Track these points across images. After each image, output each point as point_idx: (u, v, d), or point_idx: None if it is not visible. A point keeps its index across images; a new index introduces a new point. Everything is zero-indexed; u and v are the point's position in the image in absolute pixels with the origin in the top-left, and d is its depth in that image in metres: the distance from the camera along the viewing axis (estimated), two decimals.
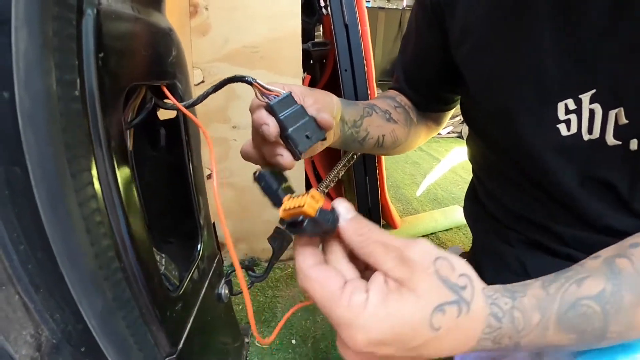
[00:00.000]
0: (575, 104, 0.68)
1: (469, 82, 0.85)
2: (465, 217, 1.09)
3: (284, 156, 0.60)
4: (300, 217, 0.48)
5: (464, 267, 0.50)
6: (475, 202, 1.01)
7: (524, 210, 0.83)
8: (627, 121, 0.63)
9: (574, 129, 0.69)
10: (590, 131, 0.68)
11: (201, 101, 0.65)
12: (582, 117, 0.68)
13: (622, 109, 0.63)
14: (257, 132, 0.61)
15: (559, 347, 0.55)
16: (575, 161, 0.71)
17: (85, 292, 0.44)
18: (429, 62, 1.00)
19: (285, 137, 0.59)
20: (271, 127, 0.58)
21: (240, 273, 0.54)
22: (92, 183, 0.44)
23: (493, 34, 0.77)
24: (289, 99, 0.59)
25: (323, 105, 0.66)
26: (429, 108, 1.08)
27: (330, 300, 0.46)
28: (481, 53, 0.80)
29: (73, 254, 0.42)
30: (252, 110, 0.63)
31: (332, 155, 2.23)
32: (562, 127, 0.70)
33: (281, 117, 0.58)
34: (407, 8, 5.69)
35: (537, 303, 0.53)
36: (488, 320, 0.50)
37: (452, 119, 5.56)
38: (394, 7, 5.78)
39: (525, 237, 0.84)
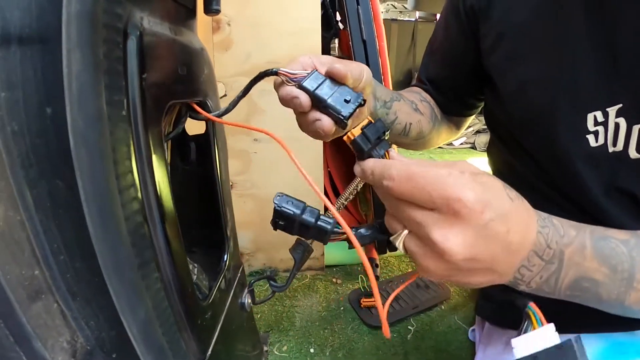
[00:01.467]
0: (603, 116, 0.70)
1: (501, 88, 0.85)
2: None
3: (322, 120, 0.61)
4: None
5: None
6: None
7: None
8: None
9: (601, 140, 0.71)
10: (614, 144, 0.70)
11: (234, 107, 0.67)
12: (608, 130, 0.70)
13: None
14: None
15: (596, 283, 0.55)
16: (601, 171, 0.72)
17: (129, 302, 0.45)
18: (458, 67, 1.00)
19: (325, 108, 0.60)
20: (302, 98, 0.60)
21: (369, 271, 0.53)
22: (136, 198, 0.46)
23: (529, 42, 0.78)
24: (316, 75, 0.61)
25: (347, 65, 0.65)
26: (452, 112, 1.09)
27: (432, 174, 0.47)
28: (516, 60, 0.80)
29: (119, 267, 0.43)
30: (277, 87, 0.65)
31: (349, 169, 2.24)
32: (591, 138, 0.72)
33: (315, 92, 0.60)
34: (420, 20, 5.68)
35: (570, 223, 0.56)
36: (537, 215, 0.53)
37: (466, 130, 5.54)
38: (407, 19, 5.79)
39: None
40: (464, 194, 0.46)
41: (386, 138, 0.59)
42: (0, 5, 0.38)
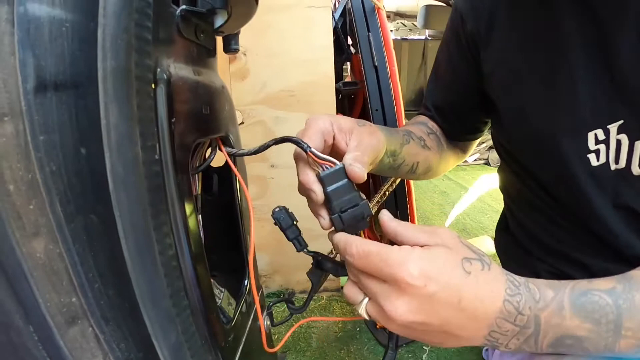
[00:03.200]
0: (604, 134, 0.70)
1: (502, 112, 0.87)
2: (496, 248, 1.10)
3: (324, 218, 0.64)
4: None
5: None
6: (506, 233, 1.02)
7: (555, 242, 0.84)
8: None
9: (602, 159, 0.71)
10: (616, 161, 0.70)
11: (256, 153, 0.69)
12: (609, 147, 0.70)
13: None
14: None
15: (579, 339, 0.57)
16: (605, 190, 0.72)
17: (162, 328, 0.48)
18: (461, 93, 1.02)
19: (328, 209, 0.63)
20: (317, 193, 0.62)
21: None
22: (169, 234, 0.49)
23: (527, 65, 0.79)
24: (339, 172, 0.62)
25: (365, 149, 0.68)
26: (457, 137, 1.10)
27: (384, 252, 0.54)
28: (515, 83, 0.82)
29: (154, 296, 0.47)
30: (296, 161, 0.67)
31: (364, 193, 2.27)
32: (592, 157, 0.72)
33: (329, 190, 0.62)
34: (430, 38, 5.69)
35: (549, 284, 0.59)
36: (507, 283, 0.56)
37: (479, 146, 5.52)
38: (417, 37, 5.81)
39: (555, 270, 0.84)
40: (406, 272, 0.52)
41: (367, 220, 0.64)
42: (36, 53, 0.41)
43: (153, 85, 0.48)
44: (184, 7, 0.56)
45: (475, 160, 5.45)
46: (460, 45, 0.96)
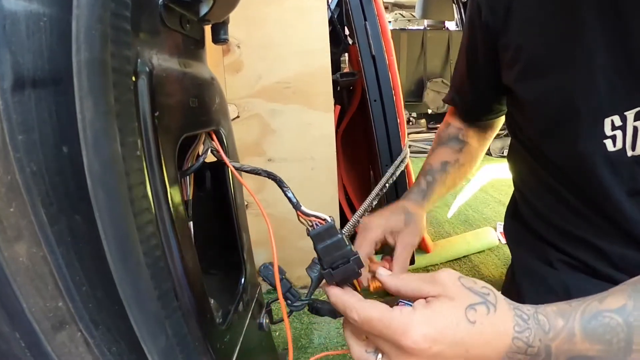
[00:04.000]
0: (621, 120, 0.71)
1: (522, 98, 0.88)
2: (505, 237, 1.11)
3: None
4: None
5: (485, 284, 0.59)
6: (517, 220, 1.03)
7: (570, 227, 0.84)
8: None
9: (619, 144, 0.72)
10: (633, 147, 0.71)
11: (250, 172, 0.68)
12: (626, 134, 0.71)
13: None
14: None
15: (590, 358, 0.57)
16: (621, 176, 0.73)
17: (150, 331, 0.46)
18: (481, 78, 1.05)
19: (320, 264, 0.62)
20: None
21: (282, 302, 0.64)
22: (154, 233, 0.47)
23: (547, 53, 0.80)
24: (330, 229, 0.60)
25: (408, 255, 0.85)
26: (478, 117, 1.15)
27: (386, 318, 0.54)
28: (536, 71, 0.83)
29: (140, 299, 0.45)
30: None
31: (364, 184, 2.25)
32: (608, 143, 0.73)
33: (319, 248, 0.60)
34: (429, 28, 5.68)
35: (560, 311, 0.58)
36: (515, 320, 0.56)
37: None
38: (416, 28, 5.79)
39: (568, 257, 0.85)
40: (409, 340, 0.52)
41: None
42: (12, 50, 0.39)
43: (133, 78, 0.46)
44: None
45: None
46: (478, 33, 0.98)
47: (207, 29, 0.72)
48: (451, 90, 1.21)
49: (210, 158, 0.71)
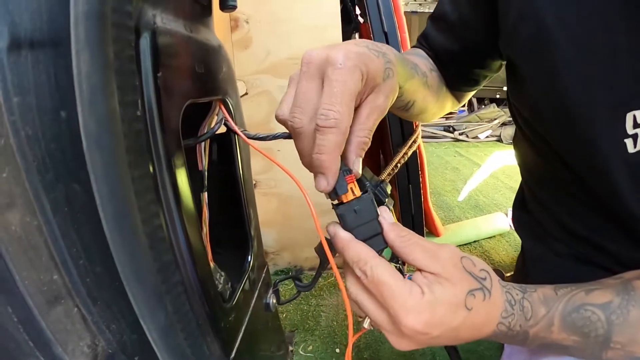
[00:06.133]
0: None
1: (527, 77, 0.74)
2: (514, 227, 1.03)
3: (319, 185, 0.57)
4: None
5: (483, 264, 0.60)
6: (524, 211, 0.96)
7: (579, 227, 0.78)
8: None
9: None
10: None
11: (267, 140, 0.64)
12: None
13: None
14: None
15: (566, 348, 0.61)
16: (639, 178, 0.65)
17: (149, 307, 0.45)
18: (463, 44, 0.90)
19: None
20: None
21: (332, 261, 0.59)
22: (154, 200, 0.45)
23: (560, 23, 0.66)
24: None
25: (376, 116, 0.59)
26: (452, 86, 1.00)
27: (397, 289, 0.53)
28: (544, 43, 0.68)
29: (138, 271, 0.43)
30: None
31: (374, 165, 2.23)
32: (629, 143, 0.63)
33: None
34: None
35: (545, 299, 0.60)
36: (505, 305, 0.58)
37: (490, 122, 5.50)
38: (428, 10, 5.75)
39: (576, 252, 0.80)
40: (412, 322, 0.53)
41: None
42: (8, 9, 0.37)
43: (135, 35, 0.44)
44: None
45: (487, 137, 5.43)
46: None
47: None
48: (425, 46, 0.99)
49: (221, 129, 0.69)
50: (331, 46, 0.55)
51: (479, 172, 3.89)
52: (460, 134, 5.43)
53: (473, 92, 1.07)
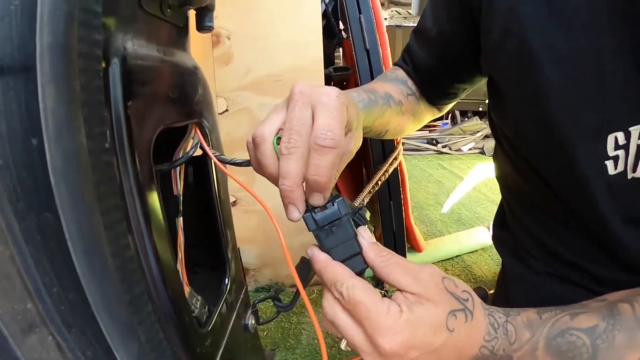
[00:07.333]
0: (625, 138, 0.62)
1: (508, 94, 0.74)
2: (495, 245, 1.03)
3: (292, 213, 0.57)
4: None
5: (465, 285, 0.58)
6: (505, 230, 0.96)
7: (559, 248, 0.78)
8: None
9: (620, 167, 0.64)
10: (634, 169, 0.63)
11: (242, 165, 0.65)
12: (629, 153, 0.63)
13: None
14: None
15: None
16: (619, 201, 0.66)
17: (121, 338, 0.45)
18: (443, 59, 0.91)
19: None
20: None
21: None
22: (125, 232, 0.45)
23: (544, 41, 0.65)
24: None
25: (346, 158, 0.61)
26: (431, 100, 1.01)
27: (373, 310, 0.52)
28: (527, 61, 0.67)
29: (108, 304, 0.43)
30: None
31: (355, 182, 2.23)
32: (609, 165, 0.64)
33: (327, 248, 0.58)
34: None
35: (529, 323, 0.59)
36: (488, 328, 0.57)
37: (474, 135, 5.54)
38: (412, 24, 5.78)
39: (559, 273, 0.80)
40: (389, 343, 0.51)
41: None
42: None
43: (104, 64, 0.43)
44: None
45: (470, 149, 5.47)
46: (453, 7, 0.83)
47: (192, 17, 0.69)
48: (406, 62, 1.00)
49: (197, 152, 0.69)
50: (318, 85, 0.56)
51: (462, 185, 3.92)
52: (443, 147, 5.47)
53: (453, 104, 1.07)
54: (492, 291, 1.59)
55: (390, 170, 1.61)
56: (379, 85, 0.92)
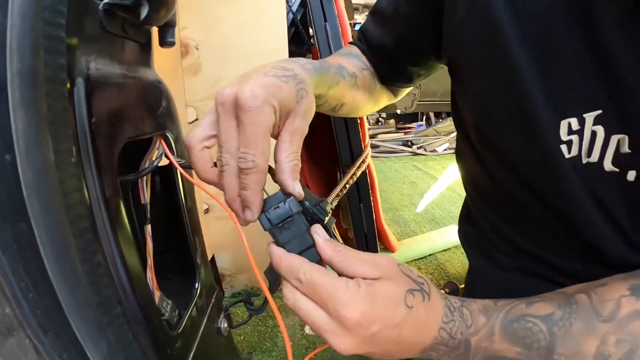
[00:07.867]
0: (579, 124, 0.62)
1: (474, 74, 0.73)
2: (460, 240, 1.04)
3: (245, 217, 0.61)
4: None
5: (419, 272, 0.61)
6: (469, 224, 0.97)
7: (523, 239, 0.78)
8: (629, 151, 0.58)
9: (574, 151, 0.63)
10: (589, 154, 0.62)
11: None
12: (583, 139, 0.62)
13: (626, 137, 0.58)
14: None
15: (510, 359, 0.59)
16: (576, 184, 0.65)
17: (91, 338, 0.47)
18: (400, 41, 0.91)
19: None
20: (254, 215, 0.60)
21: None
22: (93, 239, 0.47)
23: (506, 25, 0.64)
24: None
25: (298, 137, 0.61)
26: (386, 82, 1.01)
27: (332, 287, 0.54)
28: (488, 45, 0.67)
29: (79, 306, 0.45)
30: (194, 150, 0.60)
31: (330, 179, 2.25)
32: (564, 149, 0.63)
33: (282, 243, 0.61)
34: None
35: (484, 309, 0.61)
36: (445, 310, 0.59)
37: (448, 135, 5.59)
38: None
39: (523, 266, 0.80)
40: (351, 314, 0.53)
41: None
42: None
43: (68, 85, 0.46)
44: (107, 0, 0.54)
45: (445, 150, 5.51)
46: None
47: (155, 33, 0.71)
48: (362, 41, 0.99)
49: (163, 162, 0.71)
50: (241, 81, 0.57)
51: (436, 185, 3.94)
52: (418, 148, 5.51)
53: (409, 89, 1.09)
54: (462, 286, 1.62)
55: (359, 173, 1.64)
56: (331, 58, 0.93)
